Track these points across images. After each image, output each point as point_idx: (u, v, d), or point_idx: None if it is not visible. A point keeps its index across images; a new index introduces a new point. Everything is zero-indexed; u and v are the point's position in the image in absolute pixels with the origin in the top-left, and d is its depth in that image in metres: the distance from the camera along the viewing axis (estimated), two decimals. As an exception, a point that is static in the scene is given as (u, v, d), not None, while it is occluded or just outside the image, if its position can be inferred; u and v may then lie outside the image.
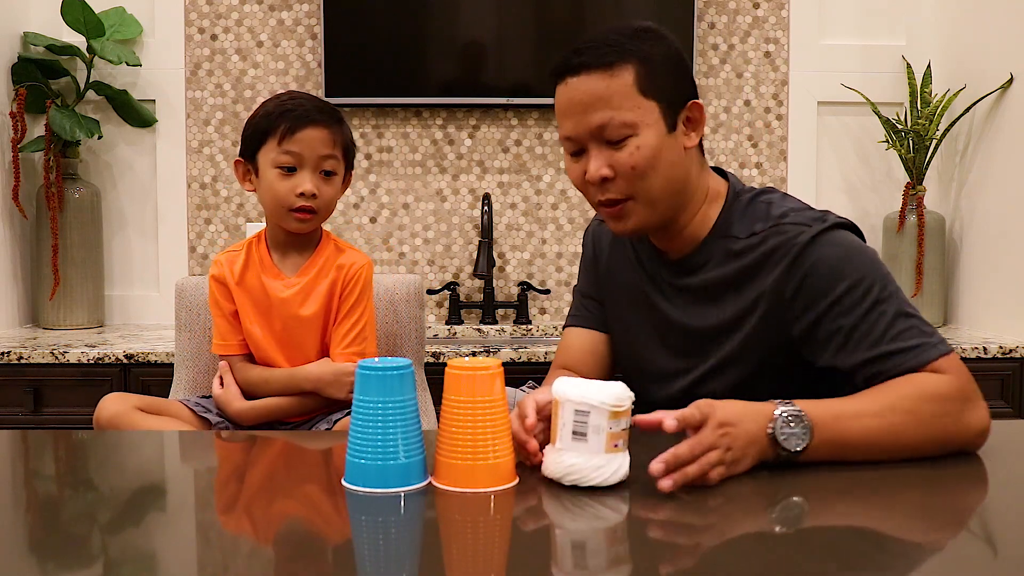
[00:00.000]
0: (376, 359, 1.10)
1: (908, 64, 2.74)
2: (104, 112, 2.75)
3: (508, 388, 1.18)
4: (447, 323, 2.79)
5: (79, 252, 2.65)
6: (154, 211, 2.81)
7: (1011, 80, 2.51)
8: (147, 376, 2.29)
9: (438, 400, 1.25)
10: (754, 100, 2.87)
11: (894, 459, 1.14)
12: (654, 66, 1.27)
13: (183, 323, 1.89)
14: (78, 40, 2.65)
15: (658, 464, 1.03)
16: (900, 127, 2.69)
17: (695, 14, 2.73)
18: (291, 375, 1.67)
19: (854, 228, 1.33)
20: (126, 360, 2.29)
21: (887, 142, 2.72)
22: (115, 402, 1.61)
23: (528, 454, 1.14)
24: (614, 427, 1.06)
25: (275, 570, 0.89)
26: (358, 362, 1.08)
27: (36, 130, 2.65)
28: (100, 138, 2.72)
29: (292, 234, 1.69)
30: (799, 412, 1.10)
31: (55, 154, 2.57)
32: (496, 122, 2.84)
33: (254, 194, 1.97)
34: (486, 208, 2.67)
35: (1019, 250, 2.48)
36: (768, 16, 2.85)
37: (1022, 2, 2.46)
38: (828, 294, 1.25)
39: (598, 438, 1.06)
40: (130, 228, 2.82)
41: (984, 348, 2.37)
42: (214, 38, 2.80)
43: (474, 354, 2.38)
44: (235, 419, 1.66)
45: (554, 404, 1.10)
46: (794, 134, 2.86)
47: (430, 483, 1.09)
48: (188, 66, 2.80)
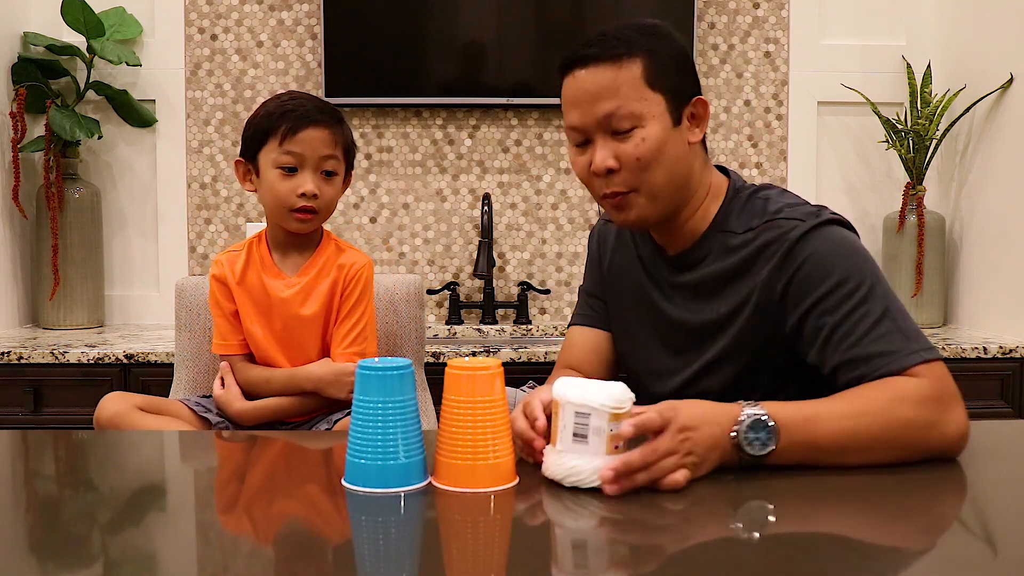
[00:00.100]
0: (376, 359, 1.10)
1: (908, 64, 2.74)
2: (104, 112, 2.75)
3: (508, 388, 1.18)
4: (447, 323, 2.79)
5: (79, 252, 2.65)
6: (154, 211, 2.81)
7: (1011, 80, 2.51)
8: (147, 376, 2.29)
9: (438, 400, 1.25)
10: (754, 100, 2.87)
11: (866, 463, 1.12)
12: (661, 60, 1.29)
13: (183, 323, 1.89)
14: (78, 40, 2.65)
15: (608, 472, 1.04)
16: (900, 127, 2.69)
17: (695, 14, 2.73)
18: (292, 375, 1.67)
19: (849, 226, 1.33)
20: (126, 360, 2.29)
21: (887, 142, 2.72)
22: (115, 402, 1.61)
23: (535, 453, 1.14)
24: (615, 429, 1.06)
25: (275, 570, 0.89)
26: (358, 362, 1.08)
27: (36, 130, 2.65)
28: (100, 138, 2.72)
29: (293, 234, 1.69)
30: (764, 416, 1.09)
31: (55, 154, 2.57)
32: (496, 122, 2.84)
33: (254, 194, 1.97)
34: (486, 208, 2.67)
35: (1019, 250, 2.48)
36: (768, 16, 2.85)
37: (1022, 2, 2.46)
38: (815, 290, 1.25)
39: (599, 440, 1.06)
40: (130, 228, 2.82)
41: (984, 348, 2.37)
42: (214, 38, 2.80)
43: (474, 354, 2.38)
44: (236, 419, 1.66)
45: (554, 405, 1.10)
46: (794, 134, 2.87)
47: (430, 483, 1.09)
48: (188, 66, 2.80)
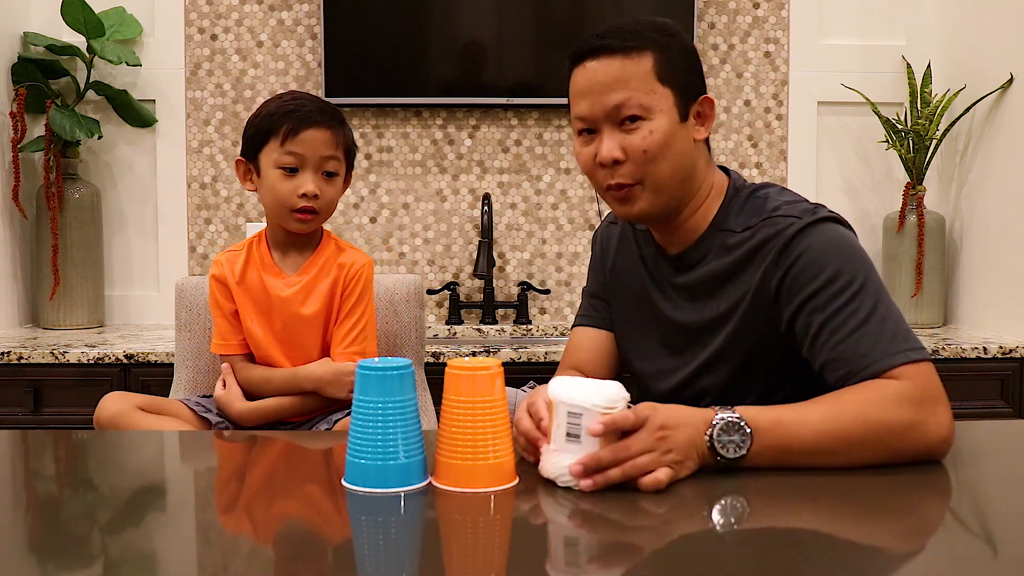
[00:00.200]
0: (376, 359, 1.10)
1: (908, 64, 2.74)
2: (104, 112, 2.75)
3: (508, 388, 1.18)
4: (447, 323, 2.79)
5: (79, 252, 2.65)
6: (154, 211, 2.81)
7: (1011, 80, 2.51)
8: (147, 376, 2.29)
9: (438, 400, 1.25)
10: (754, 100, 2.87)
11: (844, 466, 1.12)
12: (672, 56, 1.31)
13: (183, 323, 1.89)
14: (78, 40, 2.65)
15: (577, 467, 1.04)
16: (900, 127, 2.69)
17: (695, 14, 2.73)
18: (292, 375, 1.67)
19: (846, 224, 1.33)
20: (126, 360, 2.29)
21: (887, 142, 2.72)
22: (115, 401, 1.61)
23: (538, 452, 1.14)
24: None
25: (275, 570, 0.89)
26: (358, 362, 1.08)
27: (36, 130, 2.65)
28: (100, 138, 2.72)
29: (293, 233, 1.69)
30: (738, 419, 1.09)
31: (55, 154, 2.57)
32: (496, 122, 2.84)
33: (254, 194, 1.97)
34: (486, 208, 2.67)
35: (1019, 250, 2.48)
36: (768, 16, 2.85)
37: (1022, 2, 2.46)
38: (808, 285, 1.25)
39: (591, 440, 1.06)
40: (130, 228, 2.82)
41: (984, 348, 2.37)
42: (214, 38, 2.80)
43: (474, 354, 2.38)
44: (236, 420, 1.66)
45: (549, 405, 1.10)
46: (794, 134, 2.87)
47: (430, 483, 1.09)
48: (188, 66, 2.80)
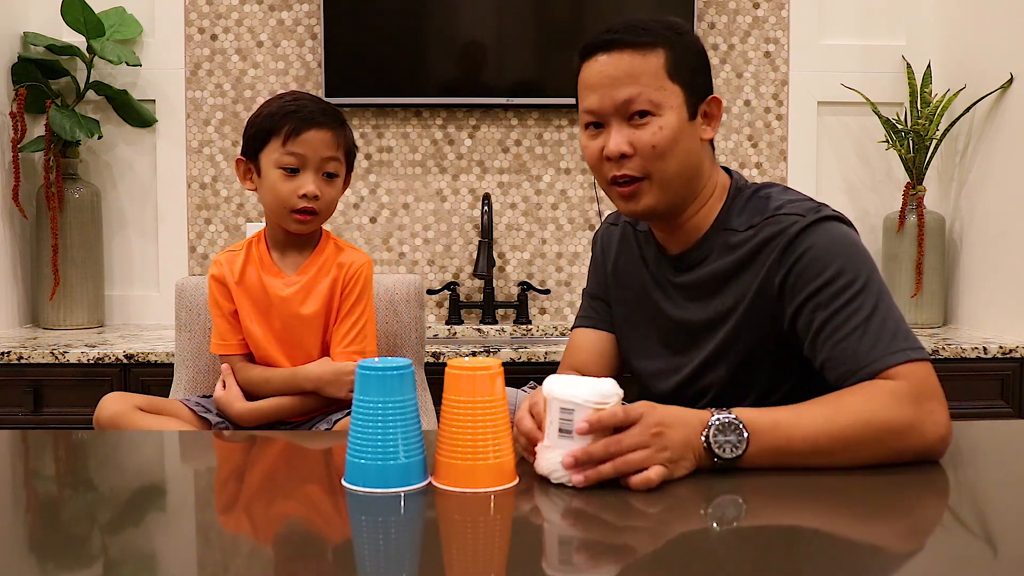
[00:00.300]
0: (376, 359, 1.10)
1: (908, 64, 2.74)
2: (104, 112, 2.75)
3: (508, 388, 1.18)
4: (447, 323, 2.79)
5: (79, 252, 2.65)
6: (154, 211, 2.81)
7: (1011, 80, 2.51)
8: (147, 376, 2.29)
9: (438, 400, 1.25)
10: (754, 100, 2.87)
11: (844, 466, 1.12)
12: (683, 55, 1.31)
13: (183, 323, 1.89)
14: (78, 40, 2.65)
15: (568, 459, 1.05)
16: (900, 127, 2.69)
17: (695, 14, 2.73)
18: (291, 375, 1.68)
19: (849, 223, 1.33)
20: (126, 360, 2.29)
21: (887, 142, 2.72)
22: (115, 402, 1.61)
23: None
24: None
25: (275, 570, 0.89)
26: (358, 362, 1.08)
27: (36, 130, 2.65)
28: (100, 138, 2.72)
29: (292, 233, 1.69)
30: (734, 420, 1.10)
31: (55, 154, 2.57)
32: (496, 122, 2.84)
33: (254, 194, 1.97)
34: (486, 208, 2.67)
35: (1019, 250, 2.48)
36: (768, 16, 2.85)
37: (1022, 2, 2.46)
38: (810, 283, 1.25)
39: (584, 436, 1.06)
40: (130, 228, 2.82)
41: (984, 348, 2.37)
42: (214, 38, 2.80)
43: (474, 354, 2.38)
44: (236, 420, 1.66)
45: (543, 401, 1.10)
46: (794, 134, 2.87)
47: (430, 483, 1.09)
48: (188, 66, 2.80)
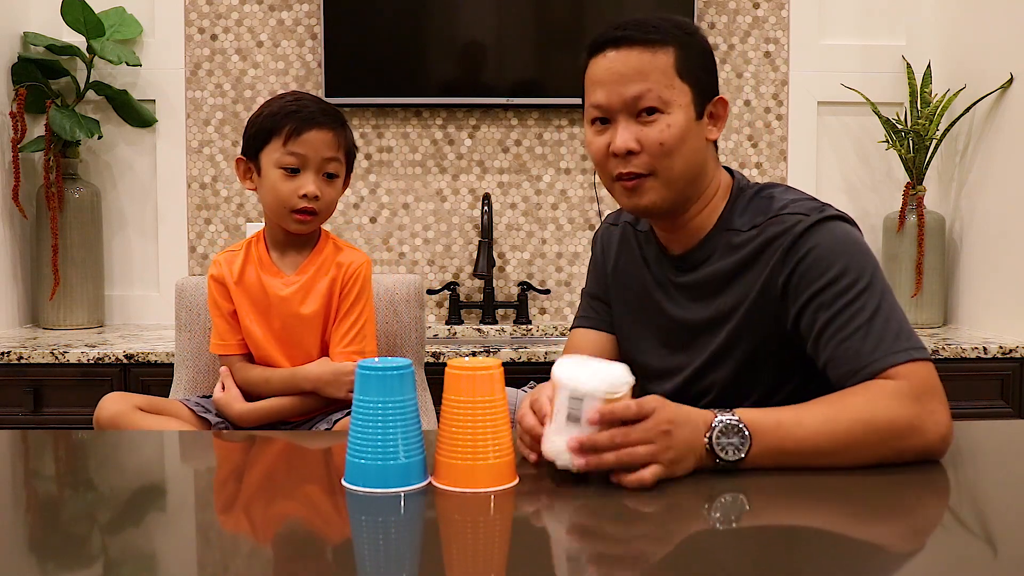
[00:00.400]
0: (376, 359, 1.10)
1: (908, 64, 2.74)
2: (104, 112, 2.75)
3: (508, 388, 1.18)
4: (447, 323, 2.79)
5: (79, 252, 2.65)
6: (154, 211, 2.81)
7: (1011, 80, 2.51)
8: (147, 376, 2.29)
9: (438, 400, 1.25)
10: (754, 100, 2.87)
11: (845, 466, 1.12)
12: (692, 54, 1.32)
13: (183, 323, 1.89)
14: (78, 40, 2.65)
15: (573, 441, 1.05)
16: (900, 127, 2.69)
17: (695, 14, 2.73)
18: (291, 375, 1.68)
19: (852, 223, 1.33)
20: (126, 360, 2.29)
21: (887, 142, 2.72)
22: (115, 402, 1.61)
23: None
24: None
25: (275, 570, 0.89)
26: (358, 362, 1.08)
27: (36, 130, 2.65)
28: (100, 138, 2.72)
29: (291, 233, 1.69)
30: (737, 422, 1.10)
31: (55, 154, 2.57)
32: (496, 122, 2.84)
33: (254, 194, 1.96)
34: (486, 208, 2.67)
35: (1019, 250, 2.48)
36: (768, 16, 2.85)
37: (1022, 2, 2.46)
38: (814, 283, 1.25)
39: (593, 424, 1.06)
40: (130, 228, 2.82)
41: (984, 348, 2.37)
42: (214, 38, 2.80)
43: (474, 354, 2.38)
44: (236, 421, 1.66)
45: (552, 385, 1.10)
46: (794, 134, 2.86)
47: (430, 483, 1.09)
48: (188, 66, 2.80)
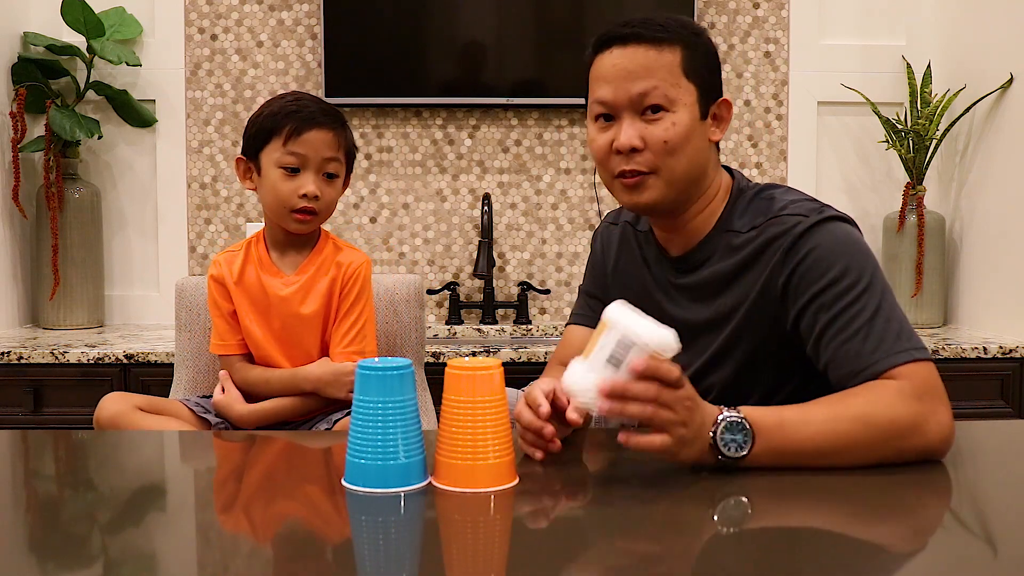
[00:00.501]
0: (376, 359, 1.10)
1: (908, 64, 2.74)
2: (104, 112, 2.75)
3: (508, 388, 1.18)
4: (447, 323, 2.79)
5: (79, 252, 2.65)
6: (154, 211, 2.81)
7: (1011, 80, 2.51)
8: (147, 376, 2.29)
9: (438, 400, 1.25)
10: (754, 100, 2.87)
11: (847, 466, 1.12)
12: (698, 54, 1.32)
13: (183, 323, 1.89)
14: (78, 40, 2.65)
15: (607, 385, 1.04)
16: (900, 127, 2.69)
17: (695, 14, 2.73)
18: (291, 376, 1.67)
19: (852, 223, 1.33)
20: (126, 360, 2.29)
21: (887, 142, 2.72)
22: (115, 402, 1.61)
23: (546, 441, 1.16)
24: None
25: (275, 570, 0.89)
26: (358, 362, 1.08)
27: (36, 130, 2.65)
28: (100, 138, 2.72)
29: (291, 233, 1.69)
30: (740, 418, 1.10)
31: (55, 154, 2.57)
32: (496, 122, 2.84)
33: (254, 194, 1.96)
34: (486, 208, 2.67)
35: (1019, 250, 2.48)
36: (768, 16, 2.85)
37: (1022, 2, 2.46)
38: (813, 284, 1.25)
39: (629, 373, 1.05)
40: (130, 228, 2.82)
41: (984, 348, 2.37)
42: (214, 38, 2.80)
43: (474, 354, 2.38)
44: (237, 423, 1.66)
45: (601, 324, 1.09)
46: (794, 134, 2.86)
47: (430, 483, 1.09)
48: (188, 66, 2.80)
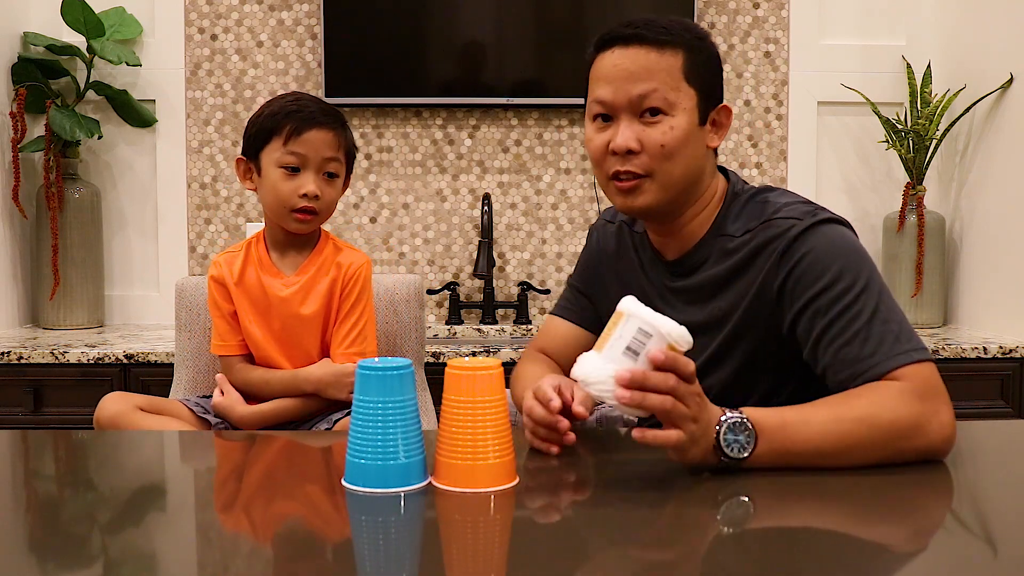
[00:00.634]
0: (376, 359, 1.10)
1: (908, 64, 2.74)
2: (104, 112, 2.75)
3: (508, 388, 1.18)
4: (447, 323, 2.79)
5: (79, 252, 2.65)
6: (154, 211, 2.81)
7: (1011, 80, 2.51)
8: (147, 376, 2.29)
9: (438, 400, 1.25)
10: (754, 100, 2.87)
11: (848, 466, 1.12)
12: (700, 58, 1.31)
13: (183, 323, 1.89)
14: (78, 40, 2.65)
15: (625, 373, 1.04)
16: (900, 127, 2.69)
17: (695, 14, 2.73)
18: (292, 377, 1.67)
19: (847, 225, 1.32)
20: (126, 360, 2.29)
21: (887, 142, 2.72)
22: (115, 402, 1.61)
23: (560, 434, 1.17)
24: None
25: (275, 570, 0.89)
26: (358, 362, 1.08)
27: (36, 130, 2.65)
28: (100, 138, 2.72)
29: (291, 234, 1.69)
30: (743, 419, 1.09)
31: (55, 154, 2.57)
32: (496, 122, 2.84)
33: (254, 194, 1.96)
34: (486, 208, 2.67)
35: (1019, 250, 2.48)
36: (768, 16, 2.85)
37: (1022, 2, 2.46)
38: (809, 288, 1.25)
39: (646, 362, 1.05)
40: (130, 228, 2.82)
41: (984, 348, 2.37)
42: (214, 38, 2.80)
43: (474, 354, 2.38)
44: (238, 424, 1.66)
45: (616, 315, 1.09)
46: (794, 134, 2.86)
47: (430, 483, 1.09)
48: (188, 66, 2.80)
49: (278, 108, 1.63)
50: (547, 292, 2.84)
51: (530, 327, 2.77)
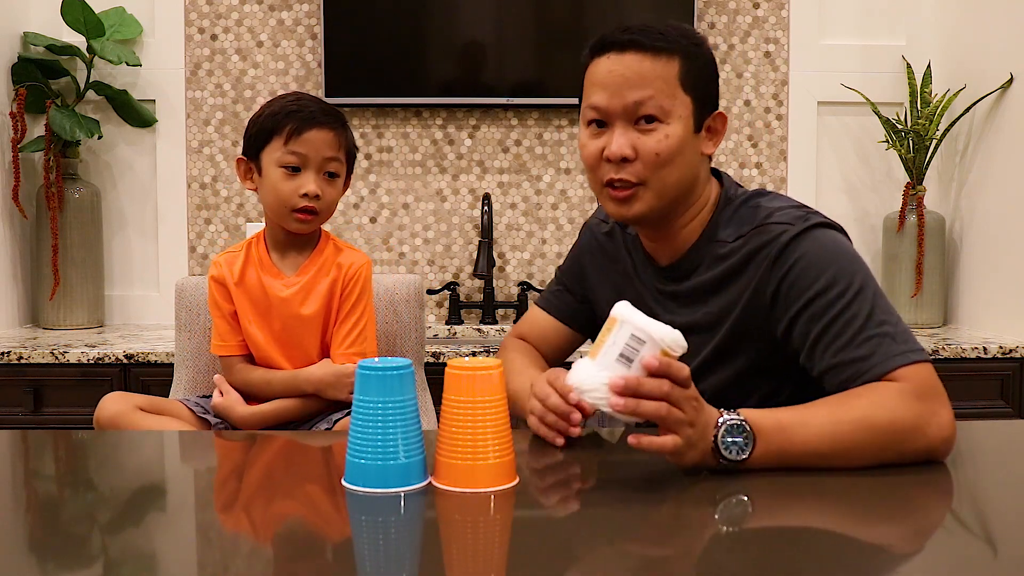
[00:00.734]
0: (376, 359, 1.10)
1: (908, 64, 2.74)
2: (104, 112, 2.75)
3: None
4: (447, 323, 2.79)
5: (79, 252, 2.65)
6: (154, 211, 2.81)
7: (1011, 80, 2.51)
8: (147, 376, 2.29)
9: (438, 400, 1.25)
10: (754, 100, 2.87)
11: (848, 467, 1.12)
12: (697, 66, 1.30)
13: (183, 323, 1.89)
14: (78, 40, 2.65)
15: (619, 380, 1.04)
16: (900, 127, 2.69)
17: (695, 14, 2.73)
18: (292, 377, 1.67)
19: (839, 228, 1.32)
20: (126, 360, 2.29)
21: (887, 142, 2.72)
22: (116, 402, 1.61)
23: (569, 425, 1.19)
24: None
25: (275, 570, 0.89)
26: (358, 362, 1.08)
27: (36, 130, 2.65)
28: (100, 138, 2.72)
29: (292, 234, 1.69)
30: (741, 421, 1.09)
31: (55, 154, 2.57)
32: (496, 122, 2.84)
33: (254, 194, 1.96)
34: (486, 208, 2.67)
35: (1019, 250, 2.48)
36: (768, 16, 2.85)
37: (1022, 2, 2.46)
38: (804, 294, 1.24)
39: (640, 368, 1.05)
40: (130, 228, 2.82)
41: (984, 348, 2.37)
42: (214, 38, 2.80)
43: (474, 354, 2.38)
44: (239, 425, 1.66)
45: (609, 322, 1.09)
46: (794, 134, 2.86)
47: (430, 483, 1.09)
48: (188, 66, 2.80)
49: (279, 108, 1.63)
50: (547, 292, 2.84)
51: (530, 327, 2.76)
